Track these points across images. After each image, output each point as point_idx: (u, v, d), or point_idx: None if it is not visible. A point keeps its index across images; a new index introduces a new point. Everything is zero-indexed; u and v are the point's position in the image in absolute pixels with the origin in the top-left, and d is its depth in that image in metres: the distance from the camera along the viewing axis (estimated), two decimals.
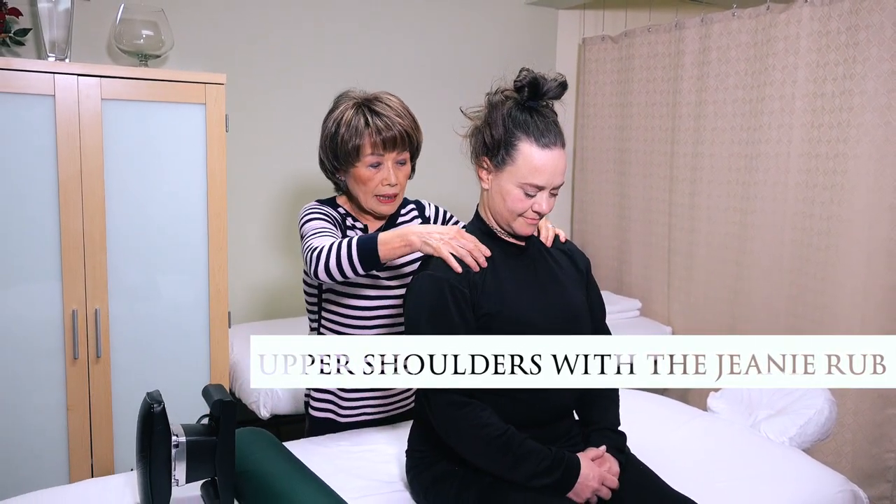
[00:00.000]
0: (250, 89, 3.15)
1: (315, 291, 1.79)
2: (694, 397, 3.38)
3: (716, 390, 2.45)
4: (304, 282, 1.81)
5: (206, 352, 2.47)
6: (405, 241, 1.47)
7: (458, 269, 1.41)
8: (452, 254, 1.43)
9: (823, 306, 2.81)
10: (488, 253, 1.46)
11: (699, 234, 3.33)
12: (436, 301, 1.39)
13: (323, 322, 1.79)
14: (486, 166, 1.46)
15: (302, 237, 1.65)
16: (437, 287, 1.40)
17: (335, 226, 1.70)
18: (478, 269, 1.43)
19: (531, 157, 1.40)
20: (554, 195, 1.45)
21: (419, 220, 1.87)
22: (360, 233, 1.77)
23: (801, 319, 2.90)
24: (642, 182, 3.65)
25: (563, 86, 1.43)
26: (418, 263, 1.77)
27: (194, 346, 2.45)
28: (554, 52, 4.00)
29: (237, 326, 3.04)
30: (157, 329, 2.40)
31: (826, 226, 2.80)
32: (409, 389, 1.89)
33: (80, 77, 2.19)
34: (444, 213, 1.95)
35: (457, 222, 1.96)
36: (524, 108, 1.43)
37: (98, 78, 2.23)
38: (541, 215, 1.46)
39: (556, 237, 1.66)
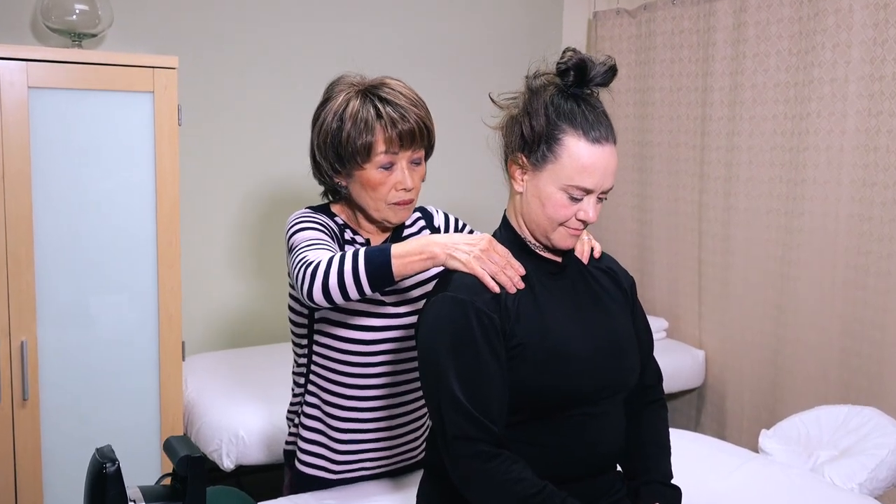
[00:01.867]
0: (208, 74, 3.16)
1: (305, 319, 1.75)
2: (733, 433, 3.35)
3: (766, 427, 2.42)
4: (291, 307, 1.77)
5: (156, 390, 2.48)
6: (426, 253, 1.44)
7: (496, 287, 1.40)
8: (473, 278, 1.41)
9: (884, 325, 2.81)
10: (523, 271, 1.45)
11: (736, 241, 3.32)
12: (459, 329, 1.38)
13: (314, 357, 1.76)
14: (521, 164, 1.45)
15: (290, 250, 1.61)
16: (460, 312, 1.38)
17: (332, 238, 1.67)
18: (514, 290, 1.42)
19: (578, 153, 1.39)
20: (601, 200, 1.44)
21: (427, 232, 1.85)
22: (360, 247, 1.71)
23: (858, 340, 2.90)
24: (666, 181, 3.64)
25: (612, 70, 1.43)
26: (431, 284, 1.77)
27: (141, 383, 2.46)
28: (560, 27, 4.00)
29: (193, 358, 3.03)
30: (96, 363, 2.40)
31: (888, 230, 2.80)
32: (417, 436, 1.86)
33: (0, 61, 2.20)
34: (457, 221, 1.93)
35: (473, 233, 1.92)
36: (568, 96, 1.42)
37: (23, 62, 2.23)
38: (585, 224, 1.45)
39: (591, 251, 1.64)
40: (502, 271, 1.42)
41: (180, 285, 2.45)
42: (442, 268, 1.53)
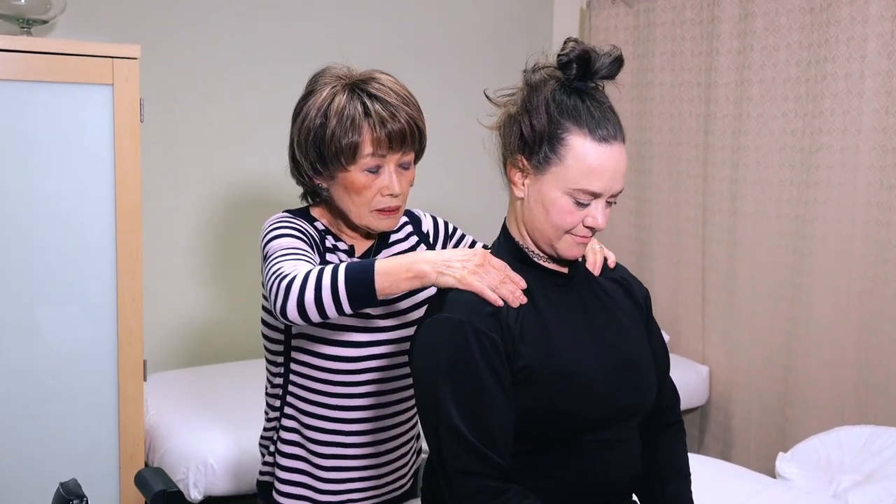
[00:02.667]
0: (174, 65, 3.14)
1: (280, 335, 1.72)
2: (739, 455, 3.32)
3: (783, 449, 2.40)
4: (264, 321, 1.74)
5: (114, 413, 2.44)
6: (414, 271, 1.42)
7: (499, 301, 1.39)
8: (471, 294, 1.39)
9: None
10: (524, 284, 1.44)
11: (742, 248, 3.31)
12: (457, 353, 1.36)
13: (292, 376, 1.73)
14: (521, 167, 1.44)
15: (265, 258, 1.59)
16: (457, 334, 1.37)
17: (312, 247, 1.65)
18: (517, 304, 1.41)
19: (584, 154, 1.38)
20: (610, 204, 1.43)
21: (416, 239, 1.83)
22: (344, 256, 1.71)
23: (876, 355, 2.89)
24: (667, 183, 3.63)
25: (618, 61, 1.43)
26: (422, 298, 1.75)
27: (98, 405, 2.43)
28: (551, 18, 3.99)
29: (155, 377, 2.99)
30: (45, 384, 2.37)
31: None
32: (408, 464, 1.82)
33: None
34: (447, 225, 1.92)
35: (473, 243, 1.92)
36: (571, 91, 1.42)
37: None
38: (593, 231, 1.44)
39: (605, 261, 1.64)
40: (502, 284, 1.40)
41: (142, 297, 2.41)
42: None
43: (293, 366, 1.72)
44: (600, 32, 3.87)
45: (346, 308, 1.44)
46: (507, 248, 1.50)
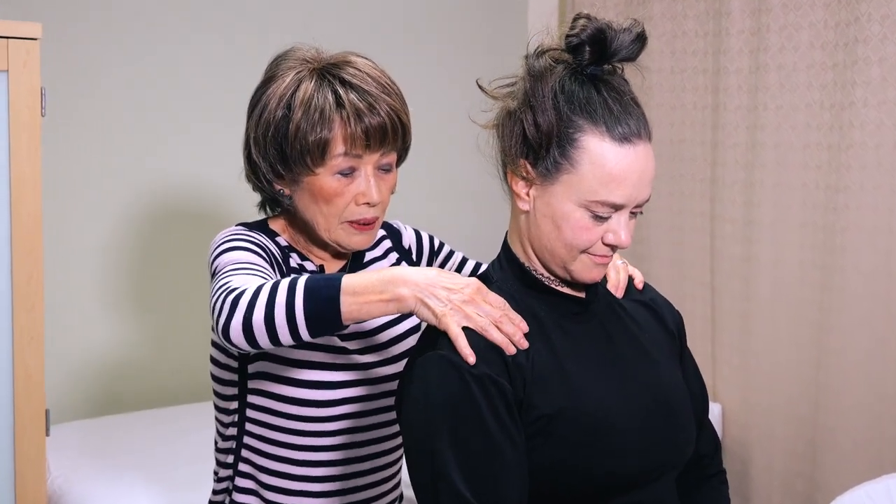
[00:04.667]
0: (83, 47, 3.10)
1: (233, 374, 1.71)
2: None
3: None
4: (214, 359, 1.74)
5: (10, 477, 2.37)
6: (390, 293, 1.40)
7: (471, 358, 1.36)
8: (467, 329, 1.37)
9: None
10: (525, 328, 1.42)
11: (759, 263, 3.32)
12: (457, 402, 1.35)
13: (248, 426, 1.73)
14: (525, 174, 1.43)
15: (214, 275, 1.59)
16: (456, 378, 1.36)
17: (272, 265, 1.65)
18: (513, 350, 1.39)
19: (602, 158, 1.38)
20: (635, 216, 1.44)
21: (395, 256, 1.85)
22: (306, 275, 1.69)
23: None
24: (668, 187, 3.64)
25: (640, 39, 1.41)
26: (406, 328, 1.77)
27: None
28: None
29: (60, 429, 2.92)
30: None
31: None
32: None
33: None
34: (432, 240, 1.93)
35: (463, 262, 1.94)
36: (584, 79, 1.41)
37: None
38: (615, 249, 1.44)
39: (630, 281, 1.67)
40: (494, 327, 1.38)
41: (43, 334, 2.35)
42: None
43: (250, 412, 1.71)
44: (584, 8, 3.80)
45: (304, 333, 1.42)
46: (509, 270, 1.50)
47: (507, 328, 1.39)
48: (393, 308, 1.40)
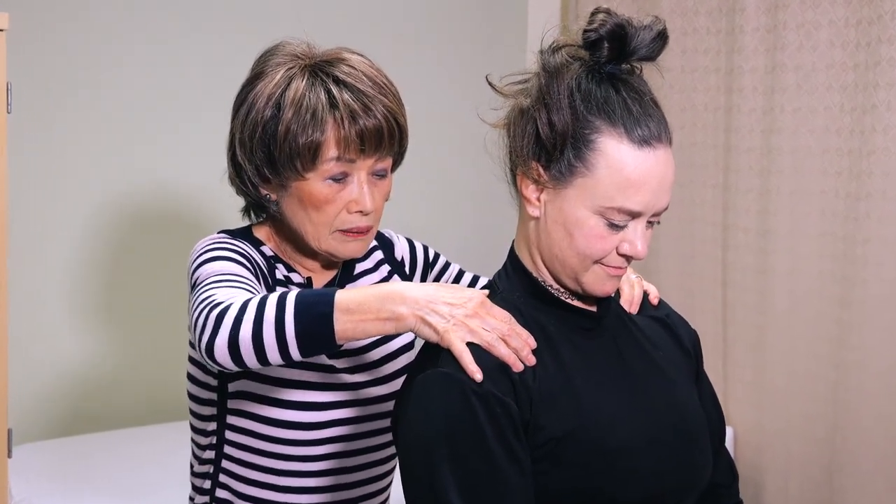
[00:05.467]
0: (53, 40, 3.08)
1: (212, 393, 1.71)
2: None
3: None
4: (192, 376, 1.74)
5: None
6: (388, 311, 1.40)
7: (478, 375, 1.36)
8: (472, 344, 1.37)
9: None
10: (533, 344, 1.42)
11: (775, 276, 3.33)
12: (459, 423, 1.36)
13: (227, 449, 1.72)
14: (537, 177, 1.44)
15: (193, 287, 1.58)
16: (458, 398, 1.36)
17: (257, 276, 1.65)
18: (521, 367, 1.39)
19: (620, 161, 1.38)
20: (652, 225, 1.45)
21: (387, 268, 1.85)
22: (297, 290, 1.69)
23: None
24: (678, 194, 3.62)
25: (661, 37, 1.43)
26: (398, 346, 1.77)
27: None
28: None
29: (23, 450, 2.88)
30: None
31: None
32: None
33: None
34: (426, 250, 1.94)
35: (460, 274, 1.94)
36: (602, 78, 1.42)
37: None
38: (629, 261, 1.45)
39: (645, 296, 1.67)
40: (501, 342, 1.38)
41: (6, 347, 2.35)
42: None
43: (230, 435, 1.70)
44: (589, 4, 3.86)
45: (295, 353, 1.42)
46: (517, 280, 1.50)
47: (514, 343, 1.39)
48: (390, 327, 1.40)
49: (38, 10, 3.03)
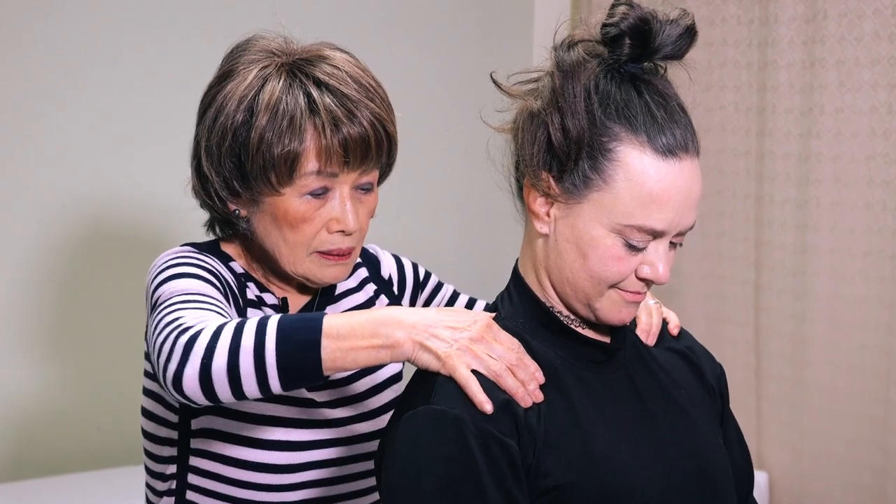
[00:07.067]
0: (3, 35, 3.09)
1: (172, 431, 1.72)
2: None
3: None
4: (148, 411, 1.74)
5: None
6: (383, 336, 1.41)
7: (487, 405, 1.37)
8: (476, 372, 1.38)
9: None
10: (542, 378, 1.43)
11: (816, 300, 3.33)
12: (454, 466, 1.36)
13: (189, 495, 1.73)
14: (547, 190, 1.45)
15: (155, 307, 1.57)
16: (454, 437, 1.36)
17: (227, 296, 1.64)
18: (529, 403, 1.40)
19: (642, 173, 1.40)
20: (675, 246, 1.46)
21: (373, 288, 1.87)
22: (271, 313, 1.70)
23: None
24: (704, 206, 3.59)
25: (689, 33, 1.45)
26: (385, 377, 1.79)
27: None
28: None
29: None
30: None
31: None
32: None
33: None
34: (416, 268, 1.98)
35: (454, 296, 1.96)
36: (622, 78, 1.44)
37: None
38: (649, 285, 1.47)
39: (664, 325, 1.71)
40: (509, 372, 1.39)
41: None
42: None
43: (192, 479, 1.71)
44: None
45: (275, 385, 1.42)
46: (521, 305, 1.52)
47: (521, 375, 1.40)
48: (385, 356, 1.41)
49: None
